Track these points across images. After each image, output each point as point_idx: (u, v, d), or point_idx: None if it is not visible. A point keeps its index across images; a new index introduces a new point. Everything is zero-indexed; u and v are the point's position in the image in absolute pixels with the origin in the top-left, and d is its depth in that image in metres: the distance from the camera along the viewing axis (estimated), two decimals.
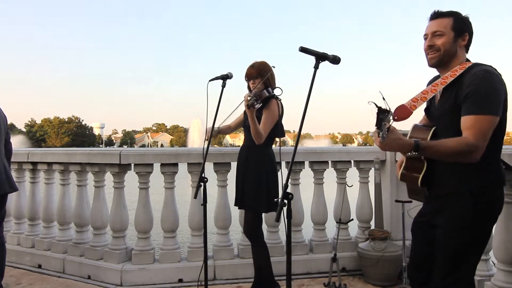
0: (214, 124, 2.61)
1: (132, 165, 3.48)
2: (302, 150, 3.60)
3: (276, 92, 2.70)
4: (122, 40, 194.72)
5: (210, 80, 2.62)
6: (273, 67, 2.69)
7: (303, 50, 1.74)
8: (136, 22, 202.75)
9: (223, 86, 2.62)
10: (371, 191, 3.61)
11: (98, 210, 3.54)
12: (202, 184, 2.57)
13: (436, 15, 1.79)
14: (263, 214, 2.93)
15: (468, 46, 1.81)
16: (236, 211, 3.27)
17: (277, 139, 2.83)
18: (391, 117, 1.50)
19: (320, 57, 1.77)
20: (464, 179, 1.69)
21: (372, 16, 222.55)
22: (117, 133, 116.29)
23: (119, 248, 3.41)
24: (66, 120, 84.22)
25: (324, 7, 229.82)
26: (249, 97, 2.38)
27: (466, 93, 1.63)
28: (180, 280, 3.32)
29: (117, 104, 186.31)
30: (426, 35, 1.80)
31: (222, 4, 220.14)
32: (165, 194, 3.47)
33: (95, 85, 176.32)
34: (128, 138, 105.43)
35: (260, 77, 2.67)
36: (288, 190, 1.66)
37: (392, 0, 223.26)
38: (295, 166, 3.52)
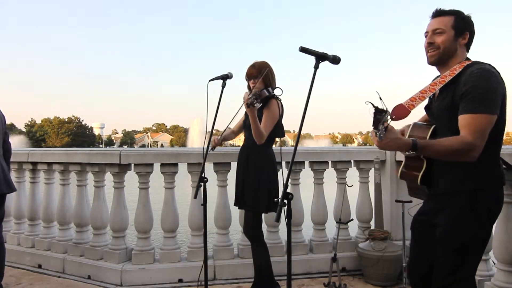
0: (214, 125, 2.61)
1: (132, 165, 3.48)
2: (302, 150, 3.60)
3: (276, 92, 2.70)
4: (122, 40, 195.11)
5: (210, 80, 2.62)
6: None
7: (303, 50, 1.75)
8: (136, 22, 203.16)
9: (223, 86, 2.62)
10: (371, 191, 3.62)
11: (98, 210, 3.54)
12: (202, 184, 2.57)
13: (438, 13, 1.79)
14: (263, 214, 2.93)
15: (469, 45, 1.80)
16: (236, 211, 3.28)
17: (277, 139, 2.83)
18: (389, 117, 1.50)
19: (320, 57, 1.77)
20: (463, 178, 1.69)
21: (372, 16, 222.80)
22: (117, 133, 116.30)
23: (119, 248, 3.41)
24: (66, 120, 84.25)
25: (325, 6, 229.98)
26: (249, 96, 2.38)
27: (463, 92, 1.63)
28: (180, 280, 3.32)
29: (117, 104, 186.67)
30: (427, 33, 1.81)
31: (223, 4, 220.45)
32: (165, 194, 3.47)
33: (95, 85, 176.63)
34: (128, 138, 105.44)
35: (260, 76, 2.67)
36: (288, 190, 1.66)
37: (393, 0, 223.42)
38: (295, 166, 3.52)
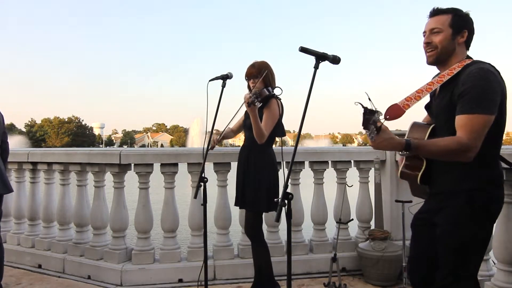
0: (214, 125, 2.61)
1: (132, 165, 3.48)
2: (302, 150, 3.60)
3: (276, 92, 2.71)
4: (122, 40, 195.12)
5: (210, 80, 2.62)
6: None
7: (303, 50, 1.74)
8: (136, 22, 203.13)
9: (223, 86, 2.62)
10: (371, 191, 3.62)
11: (98, 210, 3.54)
12: (202, 184, 2.57)
13: (435, 12, 1.77)
14: (263, 214, 2.93)
15: (469, 43, 1.78)
16: (236, 211, 3.28)
17: (278, 139, 2.83)
18: (382, 117, 1.48)
19: (320, 57, 1.76)
20: (462, 178, 1.68)
21: (372, 16, 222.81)
22: (117, 133, 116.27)
23: (119, 248, 3.41)
24: (66, 120, 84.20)
25: (325, 6, 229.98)
26: (249, 95, 2.38)
27: (461, 92, 1.61)
28: (180, 280, 3.32)
29: (117, 104, 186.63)
30: (425, 32, 1.79)
31: (223, 4, 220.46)
32: (165, 194, 3.47)
33: (95, 85, 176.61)
34: (128, 138, 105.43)
35: (260, 76, 2.67)
36: (288, 190, 1.66)
37: (393, 0, 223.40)
38: (295, 166, 3.52)
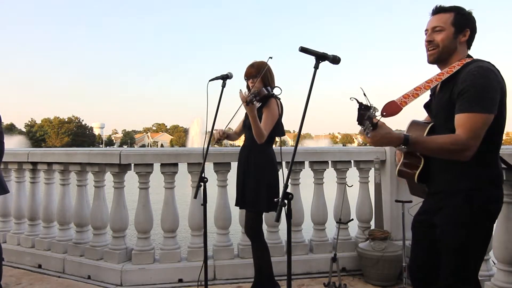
0: (214, 125, 2.61)
1: (132, 165, 3.48)
2: (302, 150, 3.60)
3: (276, 92, 2.71)
4: (122, 40, 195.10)
5: (210, 80, 2.62)
6: (270, 58, 2.62)
7: (303, 50, 1.74)
8: (136, 22, 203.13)
9: (223, 86, 2.62)
10: (371, 191, 3.62)
11: (98, 210, 3.54)
12: (202, 184, 2.57)
13: (437, 10, 1.76)
14: (263, 214, 2.93)
15: (470, 42, 1.76)
16: (236, 211, 3.28)
17: (277, 139, 2.83)
18: (378, 113, 1.48)
19: (320, 57, 1.76)
20: (460, 177, 1.67)
21: (372, 16, 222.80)
22: (117, 133, 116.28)
23: (119, 248, 3.41)
24: (66, 120, 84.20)
25: (325, 6, 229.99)
26: (248, 94, 2.37)
27: (460, 90, 1.61)
28: (180, 280, 3.32)
29: (117, 104, 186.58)
30: (427, 30, 1.78)
31: (223, 4, 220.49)
32: (165, 194, 3.47)
33: (95, 85, 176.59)
34: (128, 138, 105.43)
35: (259, 76, 2.67)
36: (288, 190, 1.66)
37: (393, 0, 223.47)
38: (295, 166, 3.52)
